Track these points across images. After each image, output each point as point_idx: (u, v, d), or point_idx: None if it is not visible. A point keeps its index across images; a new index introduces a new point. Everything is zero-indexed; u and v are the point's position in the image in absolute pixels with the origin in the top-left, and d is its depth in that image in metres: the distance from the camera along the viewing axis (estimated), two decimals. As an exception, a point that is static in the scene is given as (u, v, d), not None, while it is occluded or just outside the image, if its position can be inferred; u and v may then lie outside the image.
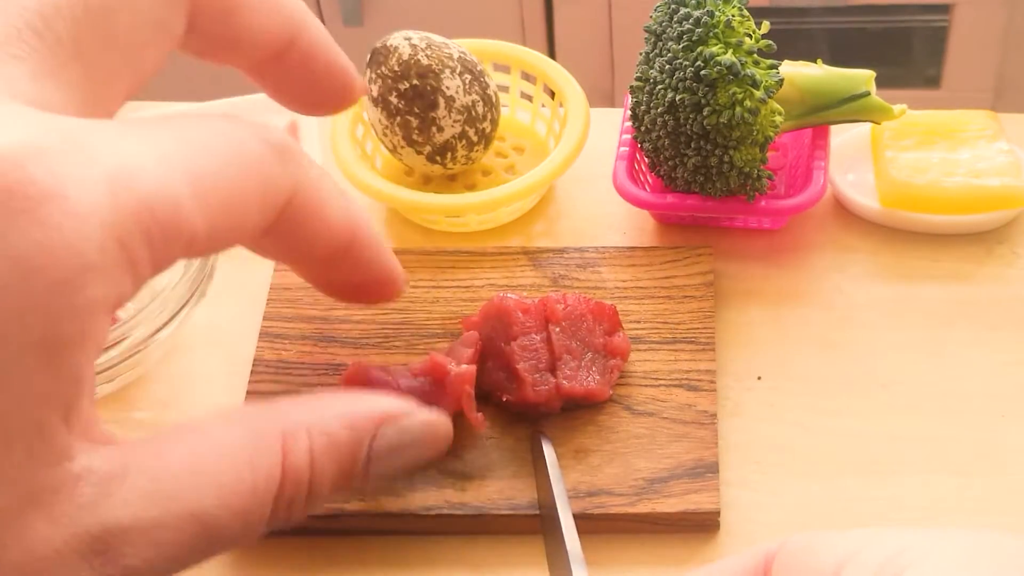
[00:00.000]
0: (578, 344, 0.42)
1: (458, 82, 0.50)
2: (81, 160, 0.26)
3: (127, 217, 0.26)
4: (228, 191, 0.29)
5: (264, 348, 0.46)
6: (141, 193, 0.27)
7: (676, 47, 0.47)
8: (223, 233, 0.29)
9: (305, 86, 0.36)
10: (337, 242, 0.34)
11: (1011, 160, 0.50)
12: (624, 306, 0.45)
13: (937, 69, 1.46)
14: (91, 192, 0.26)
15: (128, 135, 0.28)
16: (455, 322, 0.45)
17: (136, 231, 0.26)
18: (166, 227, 0.27)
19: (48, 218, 0.25)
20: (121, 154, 0.27)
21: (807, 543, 0.28)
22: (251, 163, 0.30)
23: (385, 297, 0.38)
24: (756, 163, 0.47)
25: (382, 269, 0.37)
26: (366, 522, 0.40)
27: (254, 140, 0.30)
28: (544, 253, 0.48)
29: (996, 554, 0.24)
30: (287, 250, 0.34)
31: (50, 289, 0.25)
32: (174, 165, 0.28)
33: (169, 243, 0.28)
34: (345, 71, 0.37)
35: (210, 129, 0.30)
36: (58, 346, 0.26)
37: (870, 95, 0.49)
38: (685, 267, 0.47)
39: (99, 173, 0.26)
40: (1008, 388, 0.44)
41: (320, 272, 0.36)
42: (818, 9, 1.43)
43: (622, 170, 0.50)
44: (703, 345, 0.44)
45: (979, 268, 0.49)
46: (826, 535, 0.28)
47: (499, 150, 0.56)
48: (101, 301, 0.26)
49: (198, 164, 0.28)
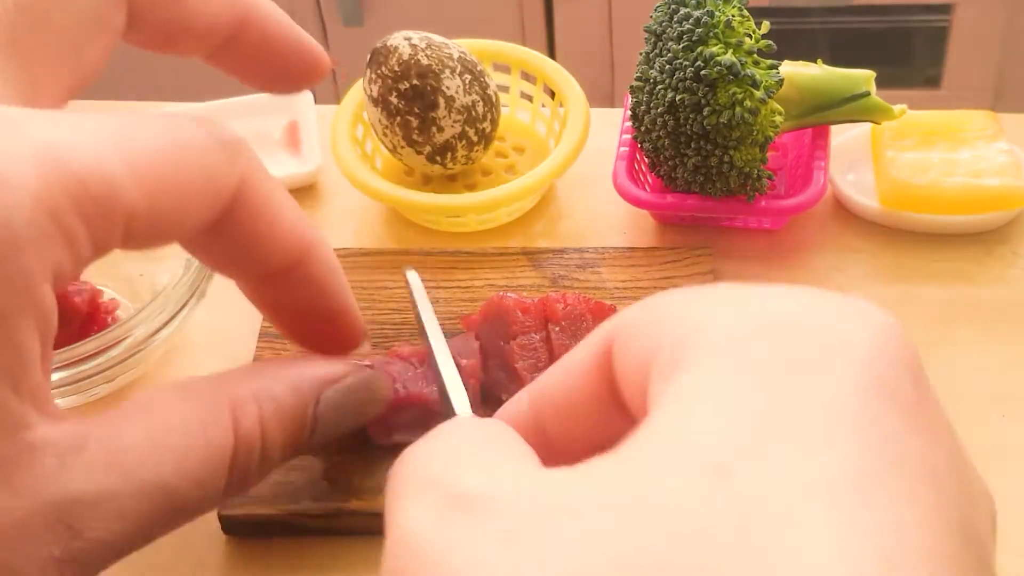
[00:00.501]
0: (577, 344, 0.42)
1: (458, 82, 0.50)
2: (8, 135, 0.26)
3: (57, 191, 0.26)
4: (167, 172, 0.29)
5: (263, 348, 0.46)
6: (72, 167, 0.27)
7: (676, 47, 0.47)
8: (165, 215, 0.29)
9: (269, 66, 0.36)
10: (286, 254, 0.34)
11: (1011, 160, 0.50)
12: (624, 306, 0.45)
13: (937, 69, 1.46)
14: (19, 165, 0.26)
15: (62, 118, 0.28)
16: (455, 322, 0.45)
17: (68, 204, 0.26)
18: (100, 202, 0.27)
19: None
20: (52, 132, 0.27)
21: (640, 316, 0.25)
22: (193, 150, 0.30)
23: (339, 344, 0.37)
24: (756, 163, 0.47)
25: (337, 301, 0.36)
26: (365, 522, 0.40)
27: (198, 131, 0.30)
28: (544, 254, 0.48)
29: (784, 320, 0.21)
30: (233, 255, 0.33)
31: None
32: (107, 144, 0.28)
33: (106, 219, 0.27)
34: (308, 46, 0.37)
35: (151, 118, 0.30)
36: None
37: (870, 95, 0.49)
38: (685, 268, 0.47)
39: (27, 148, 0.26)
40: (1008, 388, 0.44)
41: (267, 289, 0.35)
42: (818, 9, 1.43)
43: (622, 170, 0.50)
44: None
45: (979, 268, 0.49)
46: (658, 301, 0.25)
47: (499, 150, 0.56)
48: (36, 272, 0.26)
49: (134, 145, 0.28)
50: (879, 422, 0.20)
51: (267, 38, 0.36)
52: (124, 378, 0.46)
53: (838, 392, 0.20)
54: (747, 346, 0.21)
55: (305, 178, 0.56)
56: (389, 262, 0.48)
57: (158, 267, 0.49)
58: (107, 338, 0.43)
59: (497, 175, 0.55)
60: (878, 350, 0.21)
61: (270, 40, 0.36)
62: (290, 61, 0.36)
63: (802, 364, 0.21)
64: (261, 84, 0.37)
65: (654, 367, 0.23)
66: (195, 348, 0.49)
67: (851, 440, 0.19)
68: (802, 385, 0.20)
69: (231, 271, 0.35)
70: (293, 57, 0.36)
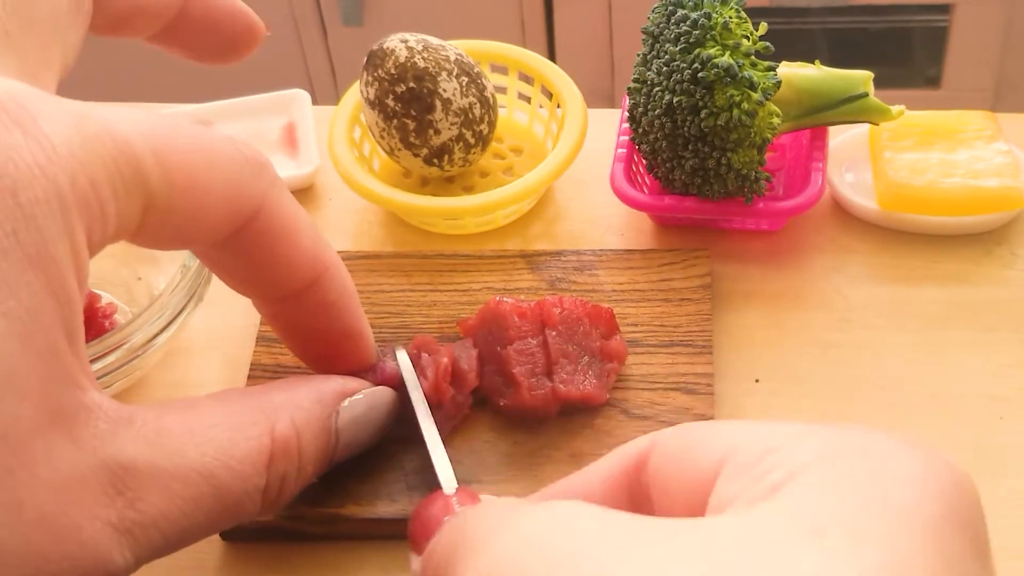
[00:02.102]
0: (575, 348, 0.42)
1: (455, 84, 0.50)
2: (50, 103, 0.27)
3: (95, 160, 0.27)
4: (191, 171, 0.30)
5: (261, 352, 0.46)
6: (108, 140, 0.27)
7: (673, 49, 0.47)
8: (183, 212, 0.30)
9: (210, 39, 0.37)
10: (303, 276, 0.35)
11: (1009, 161, 0.50)
12: (621, 309, 0.45)
13: (937, 69, 1.46)
14: (63, 129, 0.27)
15: (95, 104, 0.29)
16: (452, 325, 0.45)
17: (103, 176, 0.27)
18: (127, 180, 0.28)
19: (23, 144, 0.26)
20: (87, 107, 0.28)
21: (682, 441, 0.28)
22: (220, 158, 0.31)
23: (349, 364, 0.38)
24: (754, 165, 0.47)
25: (350, 322, 0.37)
26: (362, 526, 0.40)
27: (227, 144, 0.31)
28: (541, 256, 0.48)
29: (860, 449, 0.25)
30: (252, 273, 0.35)
31: (35, 207, 0.26)
32: (138, 130, 0.28)
33: (129, 199, 0.28)
34: (245, 13, 0.38)
35: (184, 121, 0.31)
36: (52, 263, 0.26)
37: (868, 96, 0.49)
38: (682, 270, 0.47)
39: (68, 115, 0.27)
40: (1007, 389, 0.44)
41: (282, 309, 0.36)
42: (818, 9, 1.43)
43: (620, 172, 0.50)
44: (700, 348, 0.44)
45: (978, 269, 0.49)
46: (697, 429, 0.28)
47: (497, 151, 0.56)
48: (79, 232, 0.27)
49: (163, 138, 0.29)
50: (949, 541, 0.23)
51: (209, 10, 0.37)
52: (122, 383, 0.45)
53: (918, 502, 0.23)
54: (836, 463, 0.24)
55: (302, 180, 0.56)
56: (386, 265, 0.48)
57: (155, 271, 0.49)
58: (105, 343, 0.43)
59: (495, 177, 0.55)
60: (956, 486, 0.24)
61: (212, 11, 0.37)
62: (229, 32, 0.37)
63: (888, 477, 0.24)
64: (203, 57, 0.38)
65: (724, 477, 0.26)
66: (193, 352, 0.49)
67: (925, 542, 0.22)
68: (888, 492, 0.23)
69: (249, 289, 0.36)
70: (232, 27, 0.37)
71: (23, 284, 0.25)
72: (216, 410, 0.32)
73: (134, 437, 0.28)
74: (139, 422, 0.29)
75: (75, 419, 0.27)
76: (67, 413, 0.27)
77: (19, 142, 0.26)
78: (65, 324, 0.27)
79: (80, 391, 0.27)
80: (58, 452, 0.26)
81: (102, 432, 0.27)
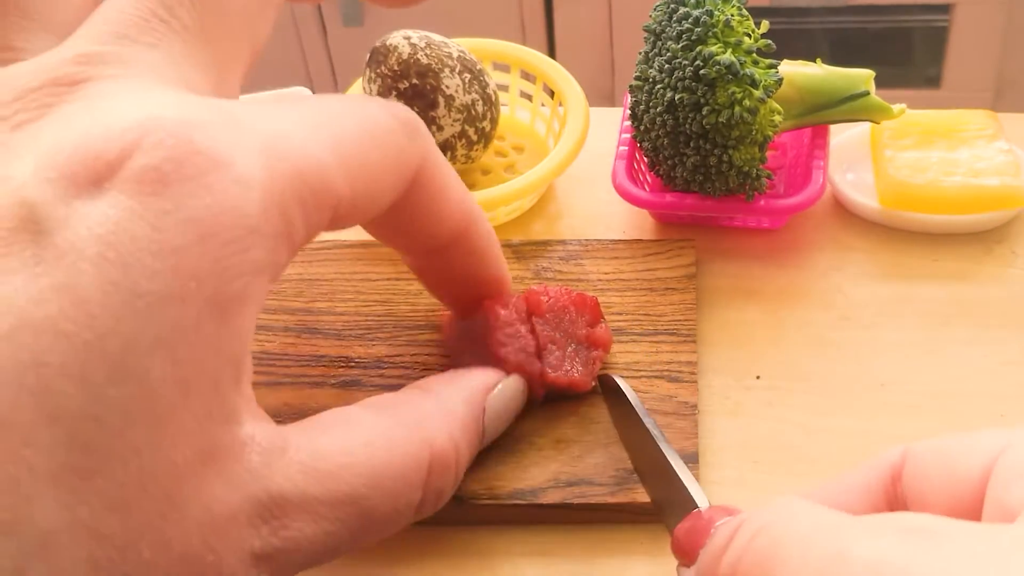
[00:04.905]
0: (561, 335, 0.42)
1: (457, 81, 0.50)
2: (238, 132, 0.27)
3: (284, 184, 0.27)
4: (366, 158, 0.30)
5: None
6: (293, 160, 0.28)
7: (675, 46, 0.47)
8: (363, 202, 0.31)
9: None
10: (452, 229, 0.35)
11: (1010, 160, 0.50)
12: (606, 298, 0.46)
13: (937, 69, 1.46)
14: (249, 159, 0.27)
15: (272, 111, 0.29)
16: (438, 314, 0.45)
17: (292, 197, 0.28)
18: (317, 193, 0.28)
19: (216, 184, 0.26)
20: (271, 126, 0.28)
21: (937, 450, 0.28)
22: (385, 135, 0.31)
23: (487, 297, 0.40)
24: (755, 162, 0.47)
25: (493, 268, 0.39)
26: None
27: (385, 114, 0.31)
28: (527, 246, 0.49)
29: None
30: (405, 231, 0.35)
31: (221, 250, 0.26)
32: (319, 136, 0.29)
33: (320, 209, 0.29)
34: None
35: (345, 103, 0.31)
36: (229, 304, 0.26)
37: (869, 94, 0.49)
38: (667, 260, 0.47)
39: (255, 143, 0.27)
40: (1007, 388, 0.44)
41: (431, 260, 0.37)
42: (818, 9, 1.43)
43: (621, 169, 0.50)
44: (684, 337, 0.44)
45: (978, 268, 0.49)
46: (953, 439, 0.28)
47: (499, 149, 0.56)
48: (264, 264, 0.27)
49: (339, 134, 0.29)
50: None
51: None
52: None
53: None
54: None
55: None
56: (373, 254, 0.49)
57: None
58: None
59: (496, 174, 0.55)
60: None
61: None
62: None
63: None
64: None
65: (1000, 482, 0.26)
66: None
67: None
68: None
69: (401, 244, 0.37)
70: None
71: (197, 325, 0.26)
72: (370, 425, 0.31)
73: (286, 466, 0.28)
74: (292, 448, 0.29)
75: (228, 455, 0.27)
76: (221, 451, 0.27)
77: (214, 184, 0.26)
78: (233, 360, 0.27)
79: (236, 426, 0.27)
80: (209, 492, 0.26)
81: (254, 466, 0.27)
